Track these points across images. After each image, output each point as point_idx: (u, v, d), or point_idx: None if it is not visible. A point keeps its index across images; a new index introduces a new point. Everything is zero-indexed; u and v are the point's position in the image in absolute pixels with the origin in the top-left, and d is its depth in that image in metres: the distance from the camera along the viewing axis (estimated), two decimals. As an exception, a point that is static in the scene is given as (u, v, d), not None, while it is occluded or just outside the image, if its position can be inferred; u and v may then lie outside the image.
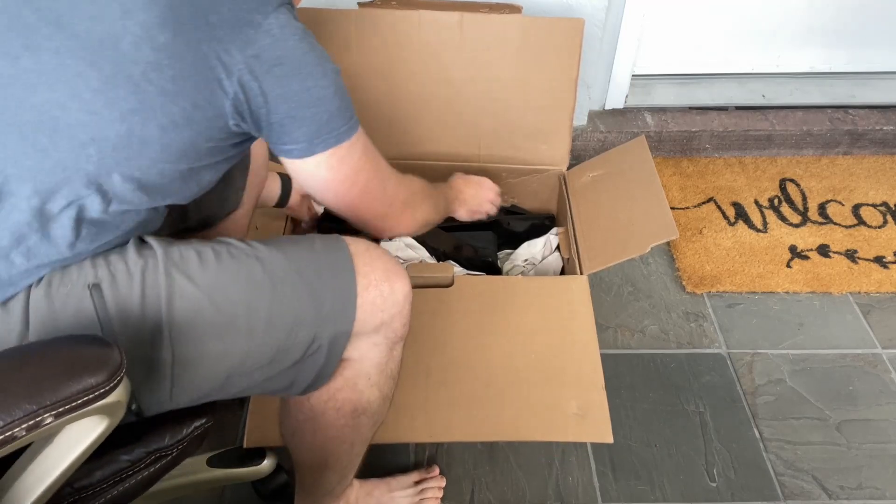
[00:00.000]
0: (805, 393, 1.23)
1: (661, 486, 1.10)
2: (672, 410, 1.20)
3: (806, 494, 1.09)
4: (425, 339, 1.03)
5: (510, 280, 1.14)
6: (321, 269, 0.69)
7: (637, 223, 1.10)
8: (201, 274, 0.64)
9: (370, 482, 1.03)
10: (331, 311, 0.68)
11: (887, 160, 1.72)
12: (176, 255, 0.64)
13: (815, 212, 1.58)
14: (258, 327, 0.65)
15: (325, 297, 0.68)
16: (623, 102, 1.72)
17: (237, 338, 0.64)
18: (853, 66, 1.78)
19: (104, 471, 0.65)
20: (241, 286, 0.65)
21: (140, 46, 0.58)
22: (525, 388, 1.00)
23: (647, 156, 1.19)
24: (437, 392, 0.99)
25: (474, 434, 0.97)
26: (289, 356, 0.68)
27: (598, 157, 1.31)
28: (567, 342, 1.04)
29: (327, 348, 0.70)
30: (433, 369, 1.01)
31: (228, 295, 0.64)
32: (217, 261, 0.65)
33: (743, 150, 1.73)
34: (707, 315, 1.37)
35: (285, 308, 0.66)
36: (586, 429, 0.96)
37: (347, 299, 0.69)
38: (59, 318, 0.59)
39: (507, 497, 1.08)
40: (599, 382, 1.00)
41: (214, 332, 0.63)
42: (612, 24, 1.54)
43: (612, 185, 1.24)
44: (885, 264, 1.46)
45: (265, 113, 0.64)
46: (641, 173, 1.17)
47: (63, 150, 0.58)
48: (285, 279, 0.67)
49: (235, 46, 0.60)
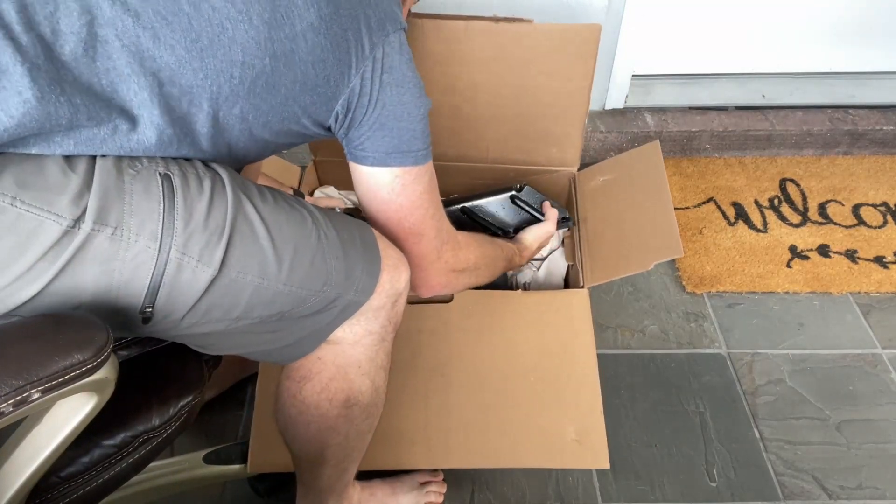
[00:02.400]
0: (805, 393, 1.23)
1: (661, 486, 1.10)
2: (672, 410, 1.20)
3: (806, 494, 1.09)
4: (425, 360, 1.03)
5: (510, 295, 1.13)
6: (355, 238, 0.72)
7: (643, 236, 1.09)
8: (262, 205, 0.65)
9: (373, 484, 1.02)
10: (358, 278, 0.71)
11: (887, 160, 1.72)
12: (240, 181, 0.66)
13: (815, 212, 1.58)
14: (298, 272, 0.67)
15: (356, 263, 0.71)
16: (623, 102, 1.72)
17: (278, 276, 0.65)
18: (853, 66, 1.78)
19: (91, 457, 0.65)
20: (294, 229, 0.67)
21: (310, 7, 0.62)
22: (523, 412, 1.00)
23: (659, 162, 1.18)
24: (436, 417, 0.99)
25: (473, 461, 0.97)
26: (309, 306, 0.69)
27: (610, 160, 1.31)
28: (566, 364, 1.04)
29: (339, 311, 0.72)
30: (432, 393, 1.01)
31: (282, 233, 0.66)
32: (275, 200, 0.67)
33: (743, 150, 1.73)
34: (707, 315, 1.37)
35: (325, 262, 0.69)
36: (584, 455, 0.97)
37: (373, 272, 0.73)
38: (124, 192, 0.57)
39: (507, 497, 1.08)
40: (598, 407, 1.00)
41: (260, 263, 0.64)
42: (612, 24, 1.54)
43: (621, 191, 1.23)
44: (885, 264, 1.46)
45: (363, 114, 0.69)
46: (652, 181, 1.16)
47: (216, 59, 0.59)
48: (328, 236, 0.69)
49: (369, 44, 0.66)
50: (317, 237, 0.68)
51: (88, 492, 0.65)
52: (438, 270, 0.86)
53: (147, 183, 0.58)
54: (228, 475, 1.01)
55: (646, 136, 1.68)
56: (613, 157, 1.31)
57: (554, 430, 0.98)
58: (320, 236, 0.69)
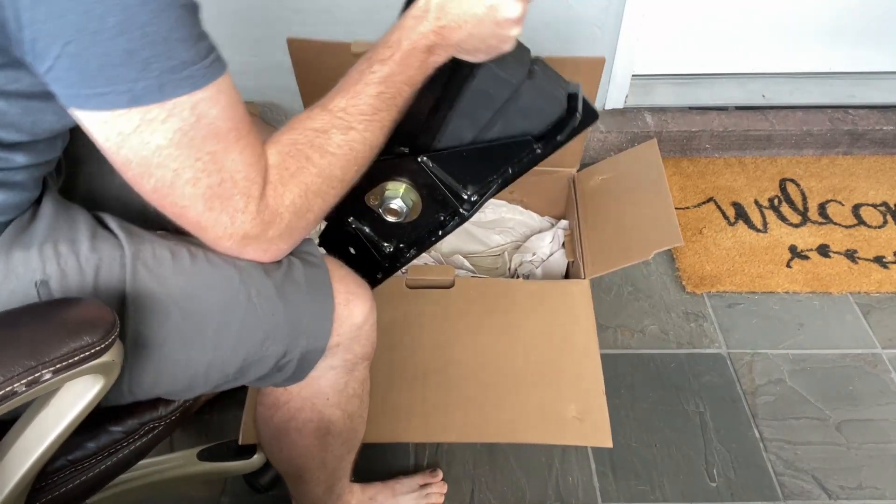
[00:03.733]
0: (805, 393, 1.23)
1: (661, 486, 1.10)
2: (672, 410, 1.20)
3: (806, 494, 1.09)
4: (424, 339, 1.03)
5: (511, 283, 1.14)
6: (298, 283, 0.63)
7: (642, 228, 1.10)
8: (173, 277, 0.58)
9: (373, 486, 1.02)
10: (307, 326, 0.64)
11: (887, 160, 1.72)
12: (147, 253, 0.58)
13: (815, 212, 1.58)
14: (226, 340, 0.60)
15: (301, 313, 0.63)
16: (623, 102, 1.72)
17: (203, 349, 0.60)
18: (853, 66, 1.77)
19: (98, 442, 0.66)
20: (216, 295, 0.59)
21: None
22: (523, 390, 1.00)
23: (657, 159, 1.19)
24: (434, 393, 0.99)
25: (471, 435, 0.97)
26: (255, 369, 0.64)
27: (608, 160, 1.31)
28: (567, 346, 1.04)
29: (297, 363, 0.66)
30: (430, 370, 1.01)
31: (200, 304, 0.59)
32: (193, 264, 0.59)
33: (743, 150, 1.73)
34: (707, 315, 1.37)
35: (259, 322, 0.61)
36: (585, 432, 0.96)
37: (323, 315, 0.65)
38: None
39: (507, 497, 1.08)
40: (600, 387, 0.99)
41: (179, 340, 0.58)
42: (612, 24, 1.54)
43: (620, 188, 1.24)
44: (885, 264, 1.46)
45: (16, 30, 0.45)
46: (650, 177, 1.17)
47: None
48: (262, 292, 0.61)
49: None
50: (246, 298, 0.60)
51: (91, 477, 0.66)
52: (269, 240, 0.59)
53: (25, 298, 0.54)
54: (223, 472, 1.01)
55: (646, 136, 1.68)
56: (612, 156, 1.32)
57: (554, 407, 0.98)
58: (250, 295, 0.60)
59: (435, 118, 0.73)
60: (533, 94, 0.70)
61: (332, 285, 0.65)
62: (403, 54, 0.62)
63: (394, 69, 0.62)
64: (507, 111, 0.71)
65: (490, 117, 0.72)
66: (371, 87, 0.61)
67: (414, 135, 0.75)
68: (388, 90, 0.62)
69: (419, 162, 0.75)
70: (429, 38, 0.62)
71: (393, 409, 0.97)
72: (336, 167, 0.60)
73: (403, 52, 0.62)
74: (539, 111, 0.73)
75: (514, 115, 0.72)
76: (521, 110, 0.71)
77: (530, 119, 0.73)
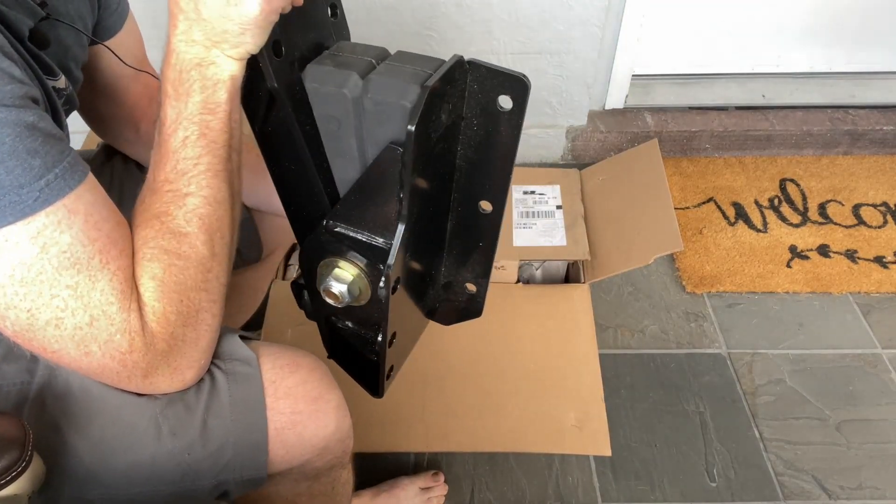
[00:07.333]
0: (805, 393, 1.23)
1: (661, 486, 1.10)
2: (672, 410, 1.20)
3: (806, 494, 1.09)
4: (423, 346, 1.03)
5: (511, 288, 1.13)
6: (223, 407, 0.54)
7: (643, 232, 1.10)
8: (79, 415, 0.51)
9: (375, 490, 1.02)
10: (231, 461, 0.55)
11: (887, 160, 1.72)
12: (59, 384, 0.51)
13: (815, 212, 1.58)
14: (139, 478, 0.53)
15: (224, 446, 0.54)
16: (623, 102, 1.72)
17: (118, 486, 0.53)
18: (853, 66, 1.77)
19: None
20: (123, 435, 0.52)
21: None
22: (523, 398, 1.00)
23: (657, 160, 1.19)
24: (434, 401, 0.99)
25: (472, 445, 0.97)
26: (191, 500, 0.56)
27: (608, 160, 1.31)
28: (567, 353, 1.04)
29: (238, 490, 0.58)
30: (430, 377, 1.01)
31: (105, 447, 0.52)
32: (102, 401, 0.51)
33: (743, 150, 1.73)
34: (707, 315, 1.37)
35: (173, 460, 0.53)
36: (584, 441, 0.96)
37: (255, 446, 0.55)
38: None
39: (507, 497, 1.08)
40: (599, 394, 0.99)
41: (91, 479, 0.52)
42: (612, 24, 1.54)
43: (621, 189, 1.23)
44: (885, 264, 1.46)
45: None
46: (651, 178, 1.17)
47: None
48: (176, 429, 0.52)
49: None
50: (155, 435, 0.52)
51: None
52: (174, 369, 0.51)
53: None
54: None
55: (646, 136, 1.68)
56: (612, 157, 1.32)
57: (554, 415, 0.98)
58: (161, 433, 0.52)
59: (322, 169, 0.59)
60: (380, 95, 0.53)
61: (265, 406, 0.54)
62: (174, 86, 0.49)
63: (178, 107, 0.49)
64: (362, 124, 0.55)
65: (351, 136, 0.56)
66: (173, 141, 0.49)
67: (322, 208, 0.60)
68: (188, 132, 0.49)
69: (325, 227, 0.58)
70: (193, 50, 0.48)
71: (393, 418, 0.97)
72: (199, 244, 0.50)
73: (173, 83, 0.49)
74: (391, 111, 0.54)
75: (372, 124, 0.55)
76: (375, 117, 0.54)
77: (391, 123, 0.54)
